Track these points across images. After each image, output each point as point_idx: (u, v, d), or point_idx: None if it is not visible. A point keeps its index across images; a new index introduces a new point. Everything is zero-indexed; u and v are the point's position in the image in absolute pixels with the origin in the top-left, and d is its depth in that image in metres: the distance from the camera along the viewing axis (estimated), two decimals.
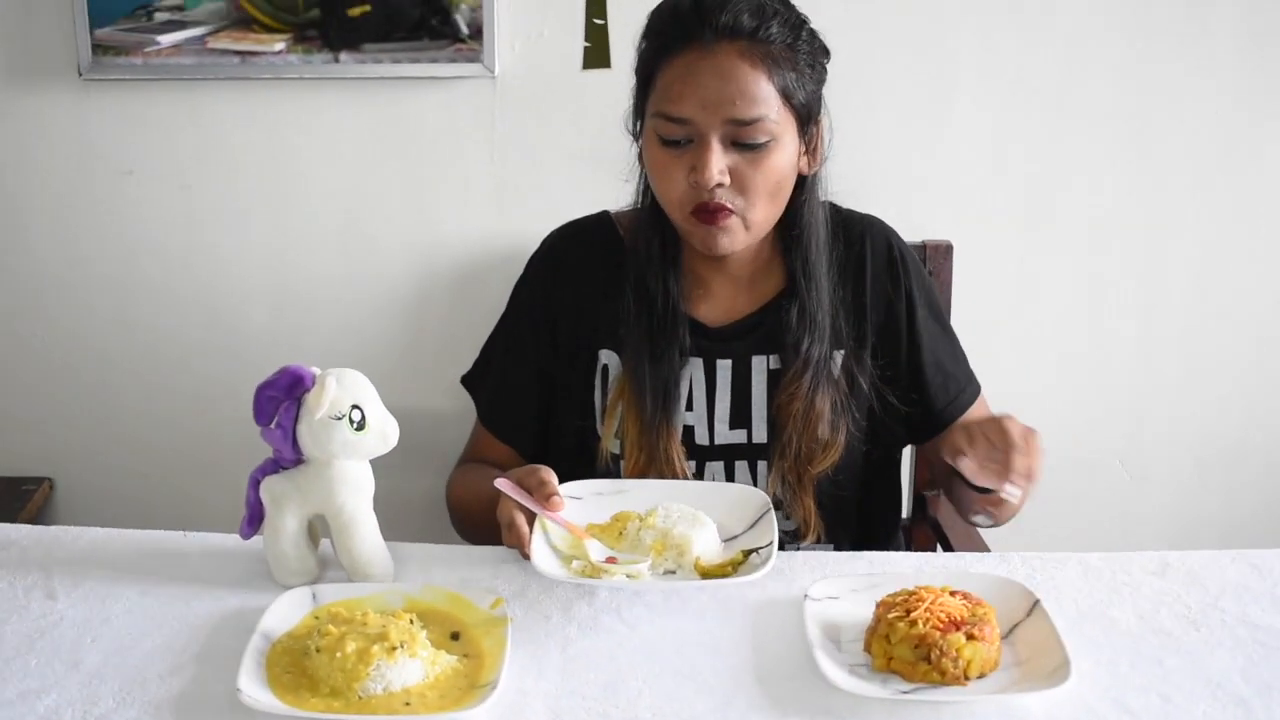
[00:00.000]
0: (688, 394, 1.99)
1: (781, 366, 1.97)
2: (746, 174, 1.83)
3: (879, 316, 2.01)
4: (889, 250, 2.03)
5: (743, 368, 1.99)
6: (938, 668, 1.42)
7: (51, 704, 1.40)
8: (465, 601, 1.57)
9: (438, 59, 2.52)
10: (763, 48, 1.80)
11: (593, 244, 2.06)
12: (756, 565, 1.61)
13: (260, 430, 1.61)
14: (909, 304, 2.02)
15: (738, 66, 1.80)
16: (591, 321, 2.02)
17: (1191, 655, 1.51)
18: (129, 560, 1.70)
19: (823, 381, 1.94)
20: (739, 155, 1.82)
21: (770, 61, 1.81)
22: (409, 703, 1.39)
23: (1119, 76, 2.56)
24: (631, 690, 1.44)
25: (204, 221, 2.65)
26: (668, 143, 1.84)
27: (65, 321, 2.72)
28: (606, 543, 1.67)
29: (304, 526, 1.64)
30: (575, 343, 2.04)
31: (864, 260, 2.02)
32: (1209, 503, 2.81)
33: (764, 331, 1.99)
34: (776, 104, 1.81)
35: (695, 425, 2.00)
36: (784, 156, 1.85)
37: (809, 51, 1.86)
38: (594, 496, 1.77)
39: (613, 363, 2.01)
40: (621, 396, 1.98)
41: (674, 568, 1.64)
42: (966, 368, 2.10)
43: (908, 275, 2.03)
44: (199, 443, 2.74)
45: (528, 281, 2.11)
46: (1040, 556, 1.73)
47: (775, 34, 1.81)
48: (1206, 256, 2.67)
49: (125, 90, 2.58)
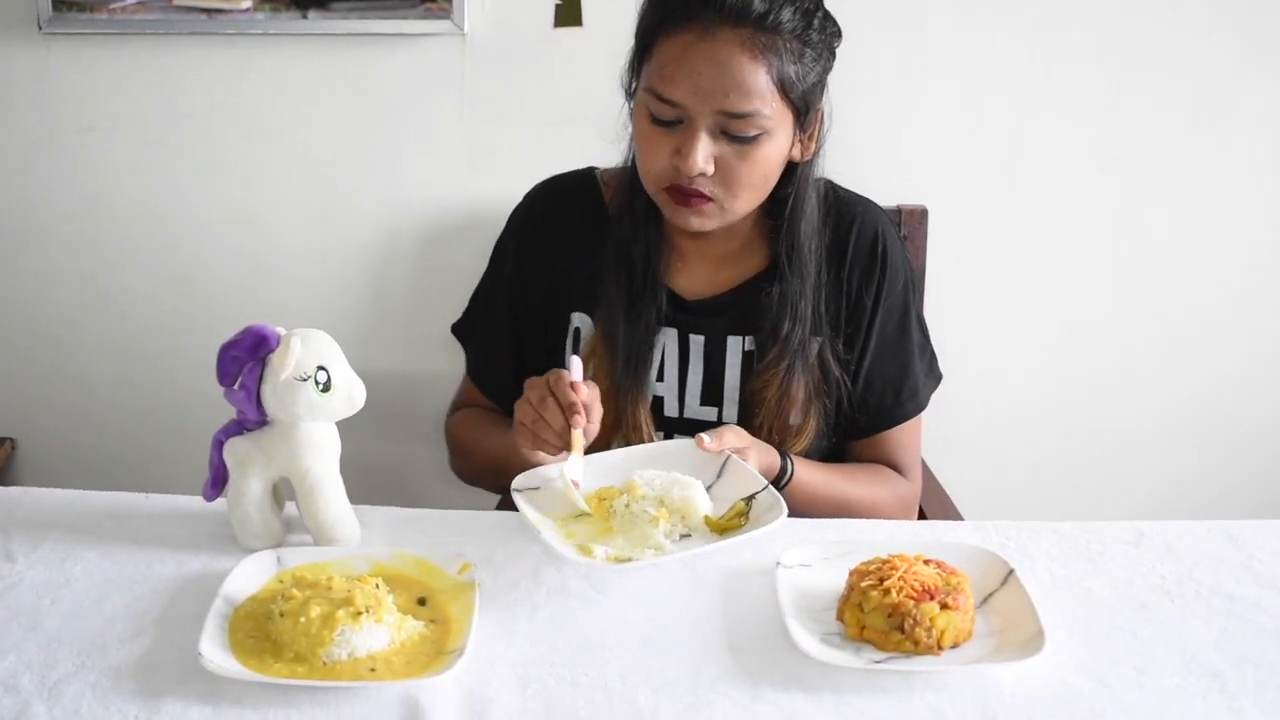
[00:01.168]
0: (659, 364, 1.97)
1: (757, 350, 1.95)
2: (732, 165, 1.79)
3: (849, 306, 1.98)
4: (874, 241, 1.98)
5: (717, 346, 1.97)
6: (911, 637, 1.41)
7: (9, 666, 1.38)
8: (432, 567, 1.55)
9: (408, 16, 2.49)
10: (767, 37, 1.75)
11: (574, 201, 2.03)
12: (765, 511, 1.60)
13: (224, 391, 1.59)
14: (875, 301, 1.98)
15: (736, 57, 1.74)
16: (566, 283, 2.00)
17: (1167, 626, 1.50)
18: (90, 522, 1.68)
19: (798, 368, 1.92)
20: (727, 146, 1.79)
21: (772, 53, 1.75)
22: (374, 669, 1.37)
23: (1094, 42, 2.55)
24: (600, 657, 1.42)
25: (167, 180, 2.63)
26: (657, 120, 1.80)
27: (28, 281, 2.69)
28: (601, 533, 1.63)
29: (268, 489, 1.62)
30: (548, 303, 2.02)
31: (847, 247, 1.97)
32: (1185, 473, 2.82)
33: (741, 310, 1.96)
34: (773, 98, 1.77)
35: (665, 396, 1.98)
36: (774, 149, 1.82)
37: (819, 39, 1.81)
38: (548, 484, 1.71)
39: (585, 326, 1.99)
40: (592, 357, 1.96)
41: (687, 531, 1.62)
42: (914, 385, 2.04)
43: (883, 272, 1.98)
44: (163, 403, 2.72)
45: (507, 235, 2.09)
46: (1015, 525, 1.72)
47: (785, 22, 1.75)
48: (1183, 223, 2.67)
49: (87, 45, 2.55)
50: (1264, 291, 2.70)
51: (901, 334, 2.02)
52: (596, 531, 1.63)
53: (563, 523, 1.65)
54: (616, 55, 1.89)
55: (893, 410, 2.02)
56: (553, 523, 1.64)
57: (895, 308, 2.00)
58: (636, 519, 1.61)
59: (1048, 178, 2.63)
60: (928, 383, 2.06)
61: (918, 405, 2.05)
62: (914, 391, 2.04)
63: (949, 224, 2.55)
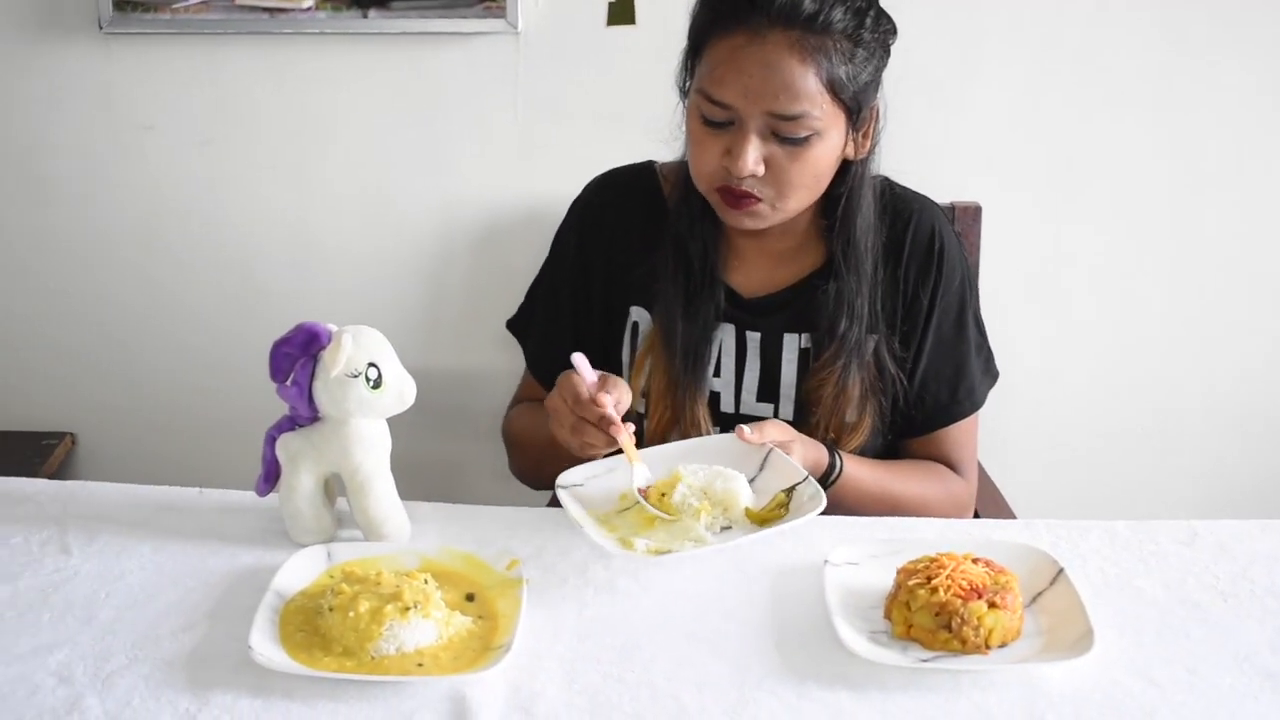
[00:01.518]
0: (716, 359, 1.97)
1: (813, 347, 1.95)
2: (783, 166, 1.79)
3: (906, 304, 1.97)
4: (931, 239, 1.97)
5: (774, 342, 1.97)
6: (958, 636, 1.41)
7: (64, 658, 1.40)
8: (481, 563, 1.56)
9: (466, 15, 2.50)
10: (817, 39, 1.74)
11: (633, 195, 2.03)
12: (805, 503, 1.60)
13: (276, 388, 1.60)
14: (931, 299, 1.97)
15: (786, 59, 1.74)
16: (624, 276, 2.00)
17: (1219, 627, 1.49)
18: (145, 516, 1.70)
19: (854, 365, 1.92)
20: (778, 147, 1.78)
21: (822, 55, 1.74)
22: (422, 663, 1.38)
23: (1150, 36, 2.52)
24: (647, 654, 1.42)
25: (225, 178, 2.65)
26: (708, 121, 1.80)
27: (87, 277, 2.72)
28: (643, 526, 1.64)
29: (320, 485, 1.63)
30: (607, 297, 2.02)
31: (904, 244, 1.96)
32: (1239, 471, 2.78)
33: (798, 308, 1.96)
34: (823, 99, 1.76)
35: (722, 392, 1.98)
36: (825, 150, 1.81)
37: (872, 38, 1.79)
38: (591, 480, 1.72)
39: (643, 320, 1.99)
40: (650, 352, 1.96)
41: (727, 523, 1.62)
42: (971, 383, 2.02)
43: (939, 270, 1.97)
44: (219, 399, 2.75)
45: (566, 229, 2.09)
46: (1065, 524, 1.71)
47: (835, 22, 1.75)
48: (1239, 220, 2.63)
49: (148, 44, 2.57)
50: None
51: (958, 332, 2.00)
52: (639, 524, 1.64)
53: (606, 517, 1.67)
54: (669, 53, 1.89)
55: (949, 408, 2.01)
56: (596, 517, 1.66)
57: (952, 305, 1.99)
58: (679, 512, 1.62)
59: (1103, 175, 2.60)
60: (984, 381, 2.05)
61: (974, 404, 2.04)
62: (970, 390, 2.02)
63: (1003, 221, 2.54)
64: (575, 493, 1.69)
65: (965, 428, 2.04)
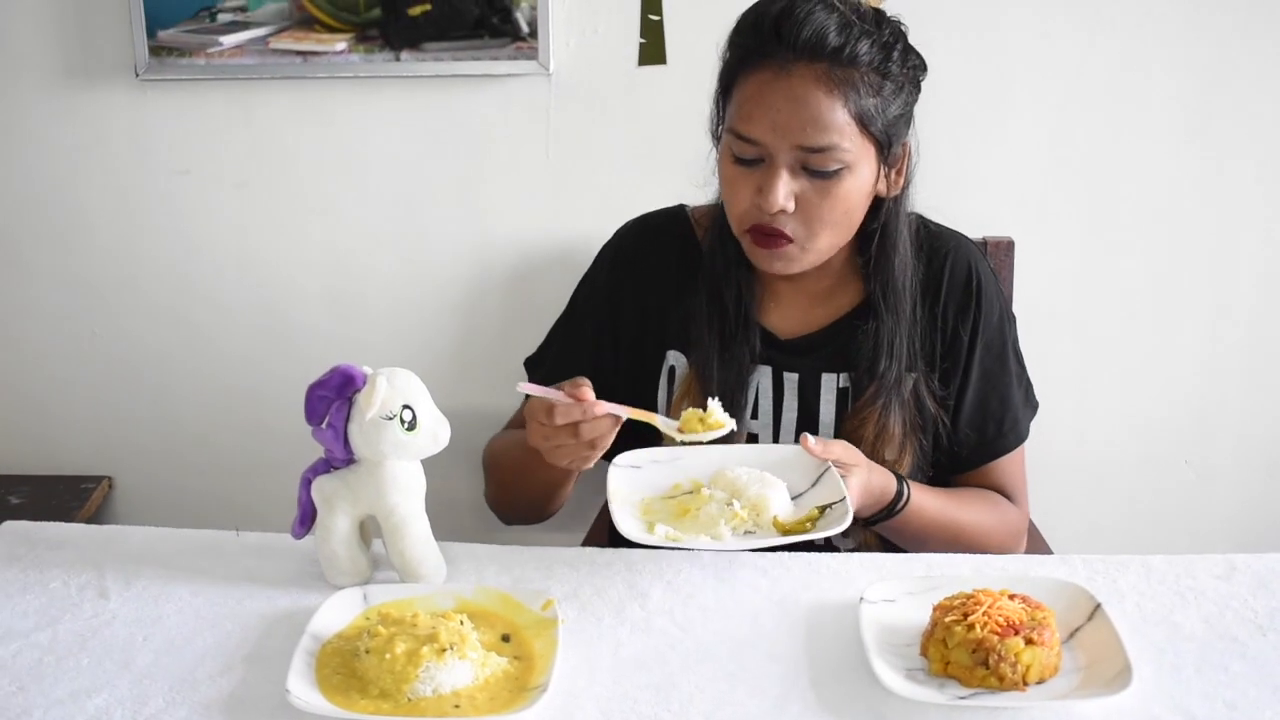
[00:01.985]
0: (754, 401, 1.97)
1: (853, 387, 1.95)
2: (813, 202, 1.80)
3: (945, 340, 1.97)
4: (968, 276, 1.97)
5: (811, 382, 1.96)
6: (996, 673, 1.40)
7: (102, 704, 1.40)
8: (516, 603, 1.56)
9: (498, 57, 2.51)
10: (843, 72, 1.75)
11: (666, 240, 2.03)
12: (835, 519, 1.61)
13: (311, 430, 1.61)
14: (972, 336, 1.97)
15: (812, 92, 1.75)
16: (659, 321, 2.00)
17: (1259, 661, 1.48)
18: (182, 559, 1.71)
19: (894, 404, 1.92)
20: (808, 182, 1.79)
21: (849, 87, 1.75)
22: (458, 705, 1.38)
23: (1180, 68, 2.52)
24: (684, 694, 1.42)
25: (259, 221, 2.67)
26: (739, 160, 1.81)
27: (124, 321, 2.74)
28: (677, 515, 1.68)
29: (355, 526, 1.63)
30: (641, 342, 2.02)
31: (941, 282, 1.97)
32: (1277, 504, 2.76)
33: (836, 348, 1.96)
34: (852, 132, 1.77)
35: (760, 434, 1.98)
36: (856, 184, 1.81)
37: (900, 72, 1.81)
38: (651, 464, 1.78)
39: (679, 364, 1.99)
40: (687, 396, 1.95)
41: (752, 528, 1.64)
42: (1015, 415, 2.03)
43: (979, 306, 1.97)
44: (255, 442, 2.76)
45: (595, 273, 2.09)
46: (1103, 559, 1.70)
47: (861, 55, 1.76)
48: (1273, 252, 2.62)
49: (183, 90, 2.59)
50: None
51: (1000, 366, 2.01)
52: (672, 513, 1.69)
53: (649, 502, 1.72)
54: (700, 92, 1.90)
55: (995, 442, 2.02)
56: (640, 500, 1.72)
57: (993, 341, 1.99)
58: (714, 509, 1.65)
59: (1135, 207, 2.60)
60: (1026, 412, 2.06)
61: (1019, 436, 2.04)
62: (1015, 422, 2.03)
63: (1036, 255, 2.53)
64: (628, 473, 1.75)
65: (1014, 459, 2.05)
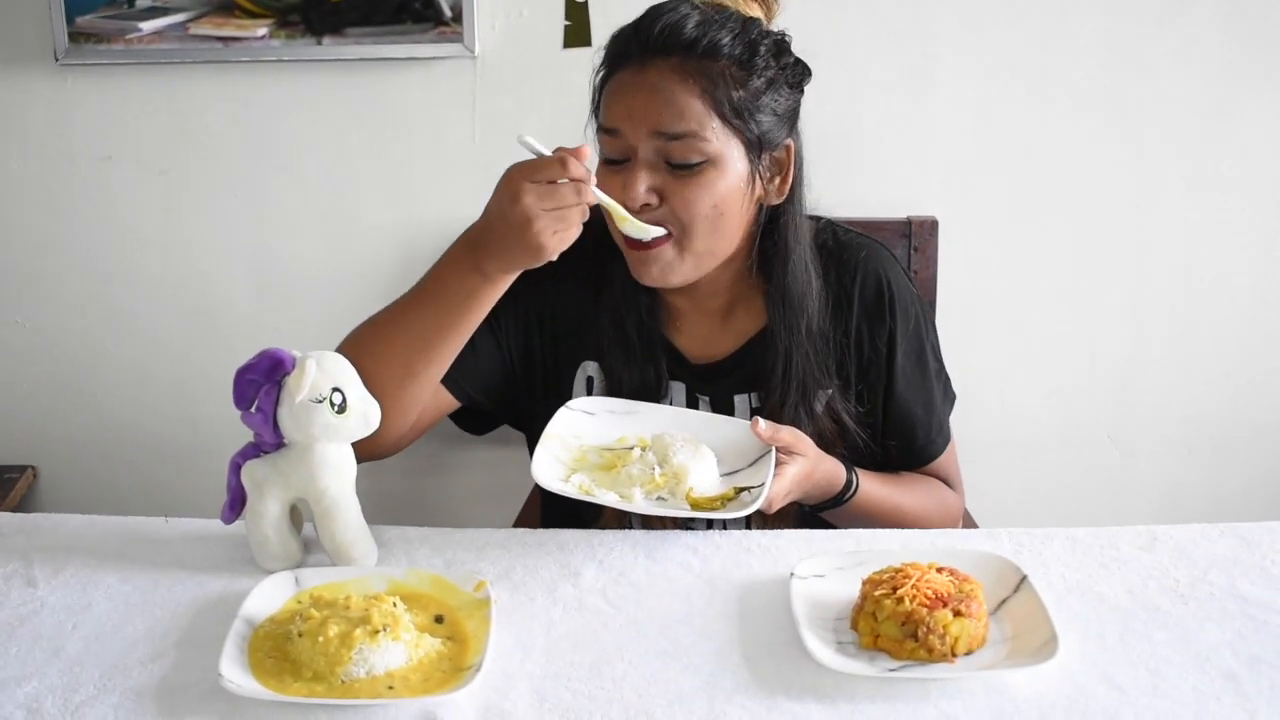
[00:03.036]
0: None
1: (762, 406, 1.93)
2: (678, 195, 1.77)
3: (862, 356, 1.95)
4: (879, 289, 1.94)
5: (724, 404, 1.95)
6: (925, 645, 1.42)
7: (32, 691, 1.39)
8: (449, 584, 1.56)
9: (420, 40, 2.50)
10: (699, 63, 1.75)
11: (583, 246, 1.84)
12: (746, 502, 1.62)
13: (241, 415, 1.60)
14: (890, 346, 1.95)
15: (667, 80, 1.75)
16: (575, 331, 1.97)
17: (1180, 629, 1.50)
18: (110, 547, 1.69)
19: (805, 422, 1.89)
20: (670, 176, 1.77)
21: (706, 78, 1.75)
22: (392, 686, 1.38)
23: (1101, 49, 2.55)
24: (617, 671, 1.43)
25: (184, 207, 2.64)
26: (608, 161, 1.81)
27: (47, 309, 2.70)
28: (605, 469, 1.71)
29: (286, 511, 1.63)
30: (556, 353, 1.98)
31: (852, 297, 1.94)
32: (1197, 477, 2.81)
33: (744, 372, 1.94)
34: (712, 122, 1.75)
35: None
36: (724, 181, 1.78)
37: (769, 71, 1.79)
38: (606, 414, 1.80)
39: (597, 375, 1.97)
40: None
41: (666, 496, 1.65)
42: (940, 417, 2.04)
43: (893, 315, 1.94)
44: (183, 428, 2.74)
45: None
46: (1028, 532, 1.72)
47: (721, 48, 1.75)
48: (1193, 229, 2.66)
49: (104, 75, 2.56)
50: (1273, 296, 2.69)
51: (922, 373, 2.00)
52: (604, 465, 1.72)
53: (586, 451, 1.74)
54: None
55: (926, 448, 2.03)
56: (580, 446, 1.74)
57: (912, 349, 1.98)
58: (636, 469, 1.68)
59: (1057, 186, 2.62)
60: (945, 407, 2.06)
61: (945, 438, 2.05)
62: (941, 425, 2.04)
63: (960, 234, 2.55)
64: (579, 418, 1.77)
65: (946, 457, 2.06)
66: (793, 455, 1.76)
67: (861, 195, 1.99)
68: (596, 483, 1.66)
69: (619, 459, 1.71)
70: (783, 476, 1.71)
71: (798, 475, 1.76)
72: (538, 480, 1.61)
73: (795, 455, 1.77)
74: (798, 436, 1.79)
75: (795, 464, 1.75)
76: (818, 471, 1.81)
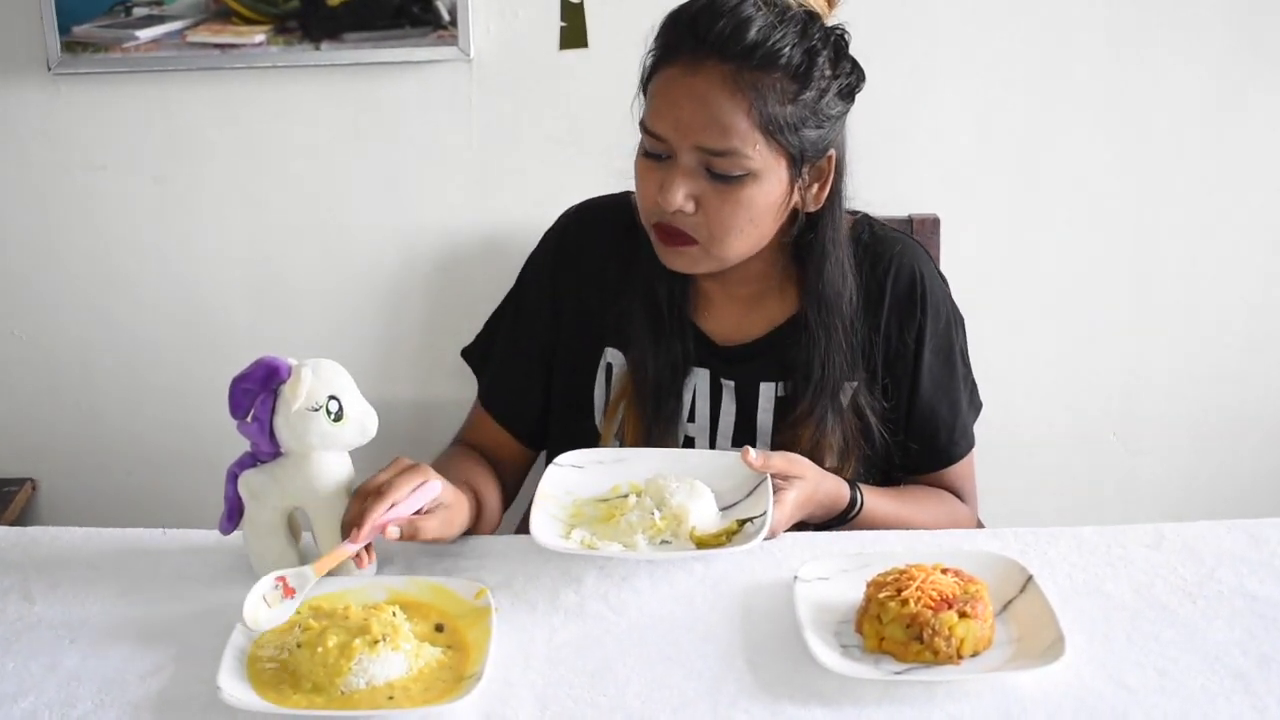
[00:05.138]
0: (691, 404, 1.95)
1: (789, 396, 1.92)
2: (715, 205, 1.75)
3: (889, 349, 1.94)
4: (912, 284, 1.93)
5: (749, 390, 1.94)
6: (930, 647, 1.41)
7: (29, 707, 1.38)
8: (449, 593, 1.55)
9: (418, 44, 2.49)
10: (753, 75, 1.69)
11: (610, 230, 1.97)
12: (751, 534, 1.61)
13: (237, 424, 1.60)
14: (918, 343, 1.94)
15: (716, 93, 1.70)
16: (599, 317, 1.97)
17: (1189, 628, 1.50)
18: (108, 560, 1.69)
19: (831, 415, 1.89)
20: (710, 184, 1.75)
21: (755, 92, 1.70)
22: (392, 696, 1.38)
23: (1102, 47, 2.54)
24: (620, 677, 1.43)
25: (179, 215, 2.64)
26: (648, 154, 1.78)
27: (43, 321, 2.70)
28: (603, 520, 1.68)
29: (284, 520, 1.62)
30: (580, 337, 1.99)
31: (884, 290, 1.93)
32: (1204, 474, 2.80)
33: (773, 357, 1.93)
34: (757, 139, 1.71)
35: (697, 437, 1.96)
36: (763, 193, 1.76)
37: (824, 81, 1.75)
38: (595, 465, 1.77)
39: (617, 362, 1.96)
40: (624, 396, 1.94)
41: (670, 538, 1.63)
42: (965, 421, 2.02)
43: (924, 313, 1.94)
44: (179, 438, 2.73)
45: (537, 260, 2.04)
46: (1033, 532, 1.72)
47: (780, 59, 1.70)
48: (1197, 226, 2.65)
49: (97, 84, 2.55)
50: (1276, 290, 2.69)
51: (950, 373, 1.99)
52: (601, 518, 1.68)
53: (581, 504, 1.72)
54: (622, 75, 1.88)
55: (948, 450, 2.01)
56: (574, 500, 1.72)
57: (941, 348, 1.97)
58: (635, 516, 1.65)
59: (1058, 183, 2.62)
60: (971, 414, 2.05)
61: (969, 442, 2.04)
62: (965, 429, 2.03)
63: (962, 232, 2.55)
64: (568, 473, 1.75)
65: (965, 463, 2.04)
66: (790, 480, 1.74)
67: (864, 193, 1.96)
68: (597, 535, 1.63)
69: (616, 508, 1.68)
70: (783, 503, 1.70)
71: (799, 499, 1.74)
72: (539, 542, 1.57)
73: (793, 479, 1.75)
74: (790, 460, 1.78)
75: (794, 488, 1.74)
76: (819, 492, 1.79)
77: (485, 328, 2.12)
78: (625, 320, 1.94)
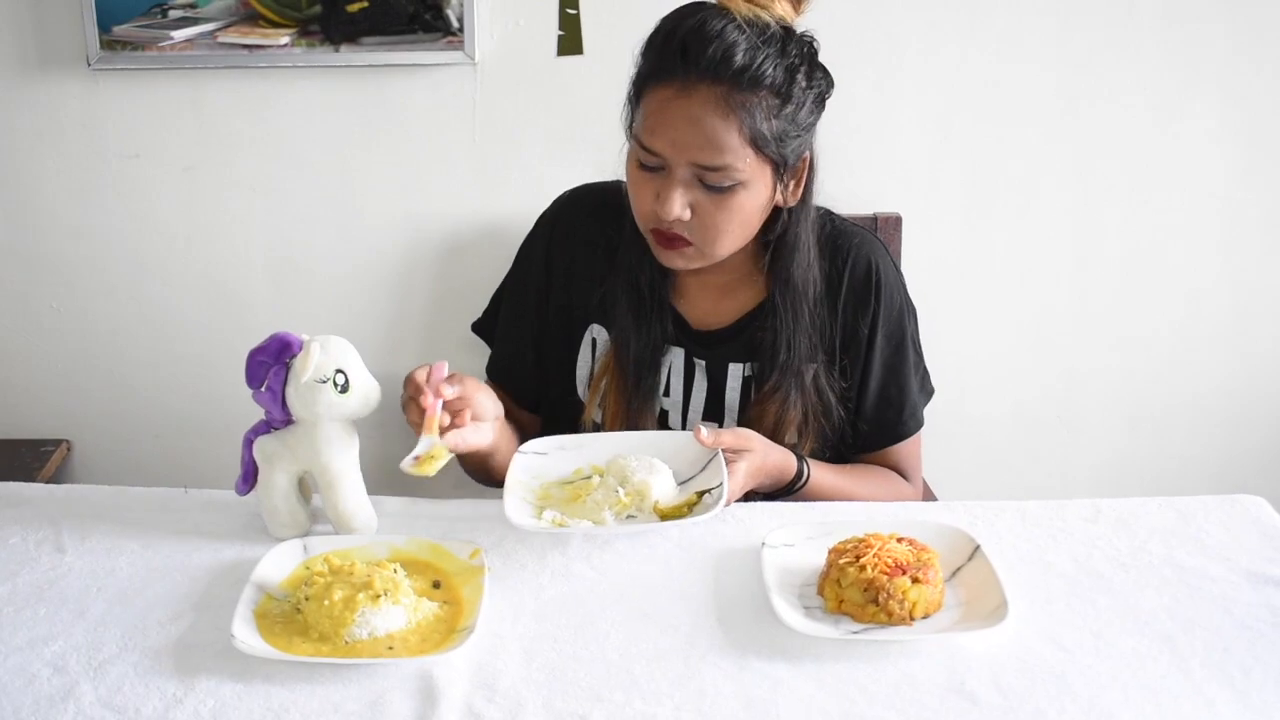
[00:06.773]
0: (666, 380, 1.94)
1: (756, 376, 1.92)
2: (709, 212, 1.75)
3: (846, 334, 1.94)
4: (868, 274, 1.93)
5: (719, 369, 1.94)
6: (885, 609, 1.41)
7: (59, 650, 1.38)
8: (446, 552, 1.55)
9: (429, 48, 2.48)
10: (742, 95, 1.68)
11: (601, 214, 1.96)
12: (709, 505, 1.60)
13: (252, 393, 1.59)
14: (871, 329, 1.94)
15: (710, 115, 1.69)
16: (585, 294, 1.96)
17: (1122, 595, 1.50)
18: (134, 516, 1.68)
19: (794, 393, 1.89)
20: (704, 194, 1.74)
21: (745, 111, 1.69)
22: (392, 646, 1.38)
23: (1053, 56, 2.52)
24: (600, 632, 1.43)
25: (206, 202, 2.62)
26: (643, 166, 1.77)
27: (80, 296, 2.68)
28: (570, 500, 1.66)
29: (294, 483, 1.62)
30: (567, 312, 1.98)
31: (843, 278, 1.92)
32: (1138, 455, 2.80)
33: (742, 341, 1.93)
34: (747, 154, 1.71)
35: (670, 411, 1.96)
36: (751, 199, 1.76)
37: (803, 94, 1.74)
38: (557, 451, 1.76)
39: (601, 338, 1.96)
40: (606, 372, 1.93)
41: (635, 513, 1.62)
42: (914, 403, 2.01)
43: (878, 300, 1.93)
44: (202, 406, 2.72)
45: (533, 240, 2.04)
46: (982, 505, 1.71)
47: (765, 77, 1.69)
48: (1135, 227, 2.64)
49: (133, 79, 2.53)
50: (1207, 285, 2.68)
51: (900, 358, 1.98)
52: (568, 498, 1.67)
53: (548, 487, 1.70)
54: (614, 80, 1.87)
55: (895, 428, 2.00)
56: (542, 484, 1.70)
57: (893, 334, 1.97)
58: (600, 495, 1.64)
59: (1010, 187, 2.60)
60: (922, 398, 2.04)
61: (917, 422, 2.03)
62: (913, 410, 2.02)
63: (922, 230, 2.54)
64: (532, 460, 1.73)
65: (912, 442, 2.04)
66: (740, 452, 1.74)
67: (829, 193, 1.95)
68: (567, 514, 1.61)
69: (581, 489, 1.67)
70: (736, 473, 1.70)
71: (749, 469, 1.74)
72: (513, 523, 1.56)
73: (743, 451, 1.74)
74: (739, 435, 1.77)
75: (744, 459, 1.73)
76: (768, 462, 1.79)
77: (491, 302, 2.12)
78: (610, 300, 1.93)
